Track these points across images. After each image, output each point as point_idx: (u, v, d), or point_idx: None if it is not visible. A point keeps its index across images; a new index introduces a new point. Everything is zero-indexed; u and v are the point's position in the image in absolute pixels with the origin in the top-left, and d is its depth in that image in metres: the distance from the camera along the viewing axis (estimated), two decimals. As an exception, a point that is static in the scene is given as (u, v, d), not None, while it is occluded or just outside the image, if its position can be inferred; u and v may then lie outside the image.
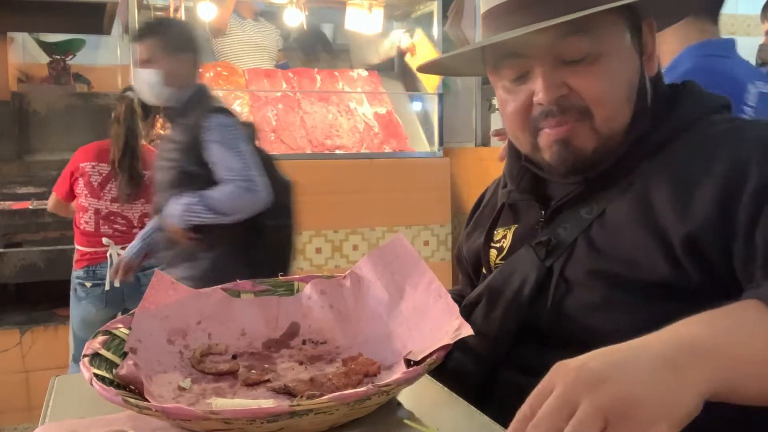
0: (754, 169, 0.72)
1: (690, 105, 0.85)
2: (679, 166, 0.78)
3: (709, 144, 0.78)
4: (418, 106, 4.08)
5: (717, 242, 0.72)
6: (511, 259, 0.89)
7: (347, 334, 0.92)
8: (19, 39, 3.71)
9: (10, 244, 2.93)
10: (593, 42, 0.79)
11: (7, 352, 2.89)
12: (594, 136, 0.82)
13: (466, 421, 0.74)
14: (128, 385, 0.74)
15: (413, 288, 0.89)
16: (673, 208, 0.75)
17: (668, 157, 0.81)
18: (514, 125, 0.87)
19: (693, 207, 0.74)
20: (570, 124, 0.81)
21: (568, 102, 0.81)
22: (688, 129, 0.82)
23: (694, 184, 0.75)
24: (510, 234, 0.94)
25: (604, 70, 0.80)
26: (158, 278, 0.90)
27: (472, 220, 1.08)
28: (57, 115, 3.31)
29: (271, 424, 0.63)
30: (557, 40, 0.79)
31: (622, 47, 0.82)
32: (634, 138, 0.83)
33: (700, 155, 0.77)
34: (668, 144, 0.82)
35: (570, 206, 0.86)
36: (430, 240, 3.63)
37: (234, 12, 4.11)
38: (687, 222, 0.73)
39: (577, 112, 0.81)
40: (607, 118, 0.81)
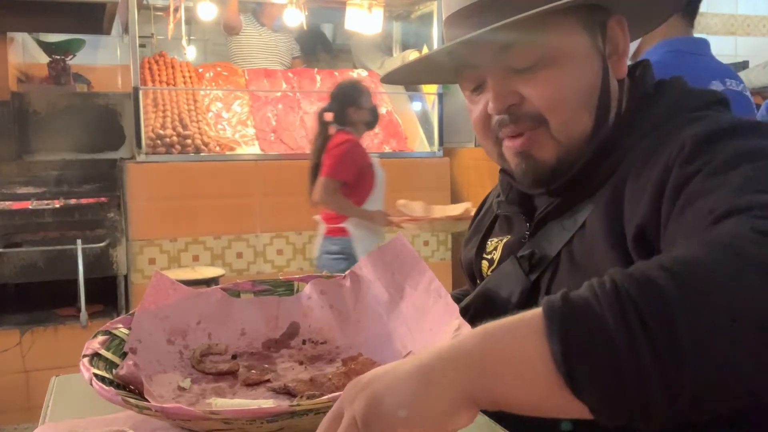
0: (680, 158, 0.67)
1: (664, 104, 0.80)
2: (641, 164, 0.73)
3: (670, 136, 0.73)
4: (418, 106, 4.08)
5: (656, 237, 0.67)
6: (498, 271, 0.89)
7: (347, 334, 0.92)
8: (19, 39, 3.71)
9: (10, 244, 2.92)
10: (541, 49, 0.77)
11: (7, 352, 2.89)
12: (553, 144, 0.79)
13: (466, 421, 0.74)
14: (128, 385, 0.74)
15: (413, 288, 0.89)
16: (628, 204, 0.72)
17: (636, 157, 0.76)
18: (480, 134, 0.86)
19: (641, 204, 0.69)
20: (526, 135, 0.79)
21: (520, 111, 0.79)
22: (659, 128, 0.77)
23: (646, 180, 0.71)
24: (500, 246, 0.93)
25: (555, 75, 0.77)
26: (158, 278, 0.90)
27: (472, 225, 1.07)
28: (57, 115, 3.30)
29: (271, 424, 0.63)
30: (504, 49, 0.77)
31: (577, 50, 0.78)
32: (598, 144, 0.79)
33: (659, 150, 0.72)
34: (637, 144, 0.77)
35: (553, 218, 0.84)
36: (430, 240, 3.63)
37: (253, 17, 4.14)
38: (634, 218, 0.70)
39: (531, 120, 0.79)
40: (563, 123, 0.78)
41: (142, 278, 3.14)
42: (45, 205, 3.00)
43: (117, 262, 3.05)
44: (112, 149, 3.42)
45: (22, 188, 3.13)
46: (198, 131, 3.31)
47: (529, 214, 0.88)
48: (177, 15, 3.71)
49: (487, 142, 0.85)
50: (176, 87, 3.48)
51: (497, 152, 0.84)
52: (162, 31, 4.06)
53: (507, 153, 0.82)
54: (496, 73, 0.79)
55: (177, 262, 3.21)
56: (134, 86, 3.20)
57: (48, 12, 3.07)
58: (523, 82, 0.78)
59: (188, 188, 3.20)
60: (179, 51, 4.02)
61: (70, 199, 3.07)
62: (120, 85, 4.16)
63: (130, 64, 3.22)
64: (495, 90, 0.79)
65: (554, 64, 0.77)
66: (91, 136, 3.37)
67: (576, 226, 0.80)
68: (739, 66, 4.62)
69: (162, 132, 3.23)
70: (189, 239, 3.22)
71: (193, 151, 3.27)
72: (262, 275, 3.31)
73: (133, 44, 3.20)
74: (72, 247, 2.92)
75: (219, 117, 3.54)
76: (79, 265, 2.91)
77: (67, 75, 3.50)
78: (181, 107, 3.37)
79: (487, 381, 0.49)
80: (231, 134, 3.48)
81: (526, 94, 0.78)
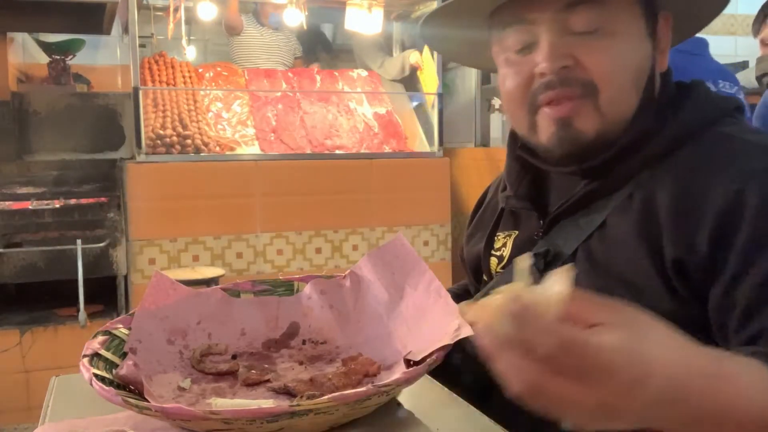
0: (749, 215, 0.68)
1: (696, 109, 0.80)
2: (683, 184, 0.73)
3: (714, 161, 0.73)
4: (418, 106, 4.08)
5: (700, 277, 0.69)
6: (510, 270, 0.87)
7: (347, 334, 0.92)
8: (19, 39, 3.71)
9: (10, 244, 2.92)
10: (605, 17, 0.76)
11: (7, 352, 2.88)
12: (597, 117, 0.77)
13: (466, 421, 0.74)
14: (128, 385, 0.74)
15: (413, 288, 0.89)
16: (672, 226, 0.72)
17: (673, 169, 0.75)
18: (512, 102, 0.83)
19: (689, 232, 0.70)
20: (572, 102, 0.77)
21: (572, 74, 0.76)
22: (694, 136, 0.77)
23: (693, 209, 0.71)
24: (510, 242, 0.91)
25: (614, 46, 0.76)
26: (158, 278, 0.90)
27: (473, 222, 1.06)
28: (57, 115, 3.30)
29: (271, 424, 0.63)
30: (569, 7, 0.76)
31: (634, 32, 0.79)
32: (638, 131, 0.78)
33: (703, 173, 0.73)
34: (673, 152, 0.77)
35: (569, 215, 0.82)
36: (430, 240, 3.63)
37: (254, 17, 4.15)
38: (680, 244, 0.70)
39: (581, 87, 0.76)
40: (613, 98, 0.77)
41: (142, 278, 3.14)
42: (45, 205, 3.00)
43: (117, 262, 3.05)
44: (112, 149, 3.42)
45: (22, 188, 3.13)
46: (198, 131, 3.31)
47: (541, 211, 0.87)
48: (177, 15, 3.71)
49: (520, 109, 0.82)
50: (176, 87, 3.48)
51: (529, 122, 0.81)
52: (162, 31, 4.06)
53: (543, 121, 0.79)
54: (554, 30, 0.77)
55: (177, 262, 3.21)
56: (134, 86, 3.20)
57: (48, 12, 3.07)
58: (581, 45, 0.76)
59: (188, 188, 3.20)
60: (179, 51, 4.02)
61: (70, 199, 3.07)
62: (120, 85, 4.16)
63: (130, 64, 3.22)
64: (550, 48, 0.76)
65: (614, 35, 0.76)
66: (91, 136, 3.37)
67: (593, 225, 0.79)
68: (738, 66, 4.61)
69: (162, 132, 3.23)
70: (189, 239, 3.22)
71: (193, 151, 3.26)
72: (262, 275, 3.31)
73: (133, 44, 3.20)
74: (72, 247, 2.91)
75: (219, 117, 3.54)
76: (78, 265, 2.90)
77: (67, 75, 3.49)
78: (181, 107, 3.37)
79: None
80: (231, 134, 3.48)
81: (582, 59, 0.76)
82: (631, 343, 0.47)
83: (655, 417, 0.49)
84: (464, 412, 0.76)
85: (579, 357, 0.45)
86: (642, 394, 0.47)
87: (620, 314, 0.49)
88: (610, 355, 0.45)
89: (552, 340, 0.45)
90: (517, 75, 0.81)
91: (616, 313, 0.48)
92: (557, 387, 0.46)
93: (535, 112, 0.80)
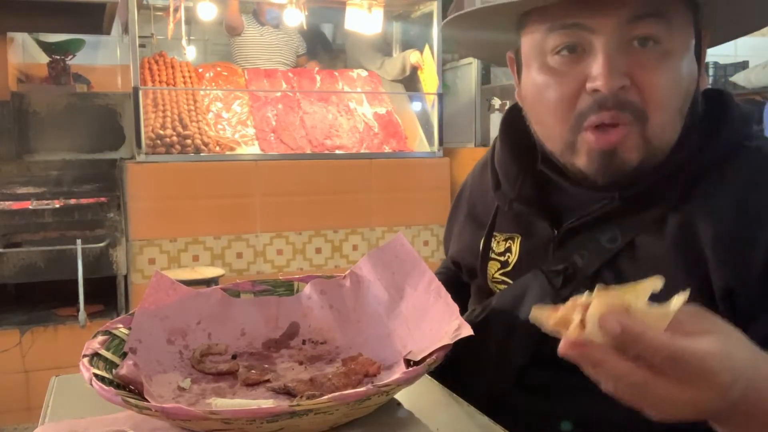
0: None
1: (733, 129, 0.75)
2: (728, 203, 0.69)
3: (762, 179, 0.70)
4: (418, 106, 4.08)
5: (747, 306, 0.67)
6: (520, 283, 0.82)
7: (347, 334, 0.92)
8: (19, 39, 3.71)
9: (10, 244, 2.92)
10: (667, 32, 0.69)
11: (7, 352, 2.88)
12: (643, 146, 0.71)
13: (466, 421, 0.74)
14: (128, 385, 0.74)
15: (413, 288, 0.89)
16: (721, 255, 0.68)
17: (713, 187, 0.71)
18: (552, 116, 0.74)
19: (740, 262, 0.67)
20: (622, 130, 0.70)
21: (626, 96, 0.69)
22: (729, 156, 0.73)
23: (746, 235, 0.67)
24: (515, 247, 0.86)
25: (671, 67, 0.70)
26: (158, 278, 0.90)
27: (455, 219, 1.00)
28: (57, 115, 3.30)
29: (270, 424, 0.63)
30: (633, 17, 0.68)
31: (688, 49, 0.73)
32: (682, 156, 0.73)
33: (753, 194, 0.69)
34: (712, 171, 0.72)
35: (587, 229, 0.77)
36: (430, 240, 3.63)
37: (253, 16, 4.15)
38: (730, 274, 0.67)
39: (632, 114, 0.70)
40: (662, 125, 0.71)
41: (142, 278, 3.14)
42: (45, 205, 3.00)
43: (117, 262, 3.05)
44: (112, 149, 3.42)
45: (22, 188, 3.13)
46: (198, 131, 3.31)
47: (551, 218, 0.81)
48: (177, 15, 3.71)
49: (561, 124, 0.73)
50: (176, 87, 3.48)
51: (568, 141, 0.74)
52: (162, 31, 4.06)
53: (584, 146, 0.72)
54: (615, 43, 0.69)
55: (177, 262, 3.21)
56: (134, 86, 3.20)
57: (48, 12, 3.07)
58: (639, 63, 0.69)
59: (188, 188, 3.20)
60: (179, 51, 4.02)
61: (70, 199, 3.07)
62: (120, 85, 4.16)
63: (130, 64, 3.22)
64: (611, 63, 0.68)
65: (671, 54, 0.70)
66: (91, 136, 3.36)
67: (618, 245, 0.74)
68: (738, 66, 4.61)
69: (162, 132, 3.23)
70: (189, 239, 3.22)
71: (193, 151, 3.26)
72: (262, 275, 3.31)
73: (133, 44, 3.20)
74: (72, 247, 2.92)
75: (219, 117, 3.54)
76: (78, 265, 2.91)
77: (67, 75, 3.49)
78: (181, 107, 3.37)
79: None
80: (231, 134, 3.48)
81: (638, 79, 0.69)
82: (726, 348, 0.51)
83: (733, 412, 0.53)
84: (464, 412, 0.76)
85: (685, 364, 0.49)
86: (731, 393, 0.51)
87: (708, 321, 0.53)
88: (710, 361, 0.50)
89: (663, 353, 0.49)
90: (562, 85, 0.72)
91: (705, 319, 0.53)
92: (658, 387, 0.50)
93: (578, 132, 0.73)
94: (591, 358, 0.50)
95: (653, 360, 0.49)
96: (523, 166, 0.85)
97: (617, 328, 0.48)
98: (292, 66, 4.25)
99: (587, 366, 0.51)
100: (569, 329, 0.50)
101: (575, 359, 0.51)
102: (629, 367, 0.50)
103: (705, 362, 0.50)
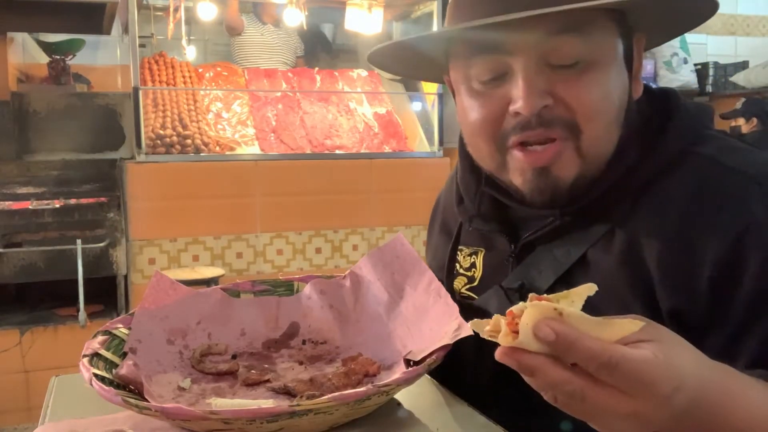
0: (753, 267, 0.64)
1: (678, 135, 0.73)
2: (671, 228, 0.68)
3: (707, 192, 0.68)
4: (418, 106, 4.08)
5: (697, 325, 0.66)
6: (482, 299, 0.83)
7: (347, 334, 0.92)
8: (19, 39, 3.71)
9: (10, 244, 2.92)
10: (587, 46, 0.68)
11: (7, 352, 2.88)
12: (577, 161, 0.70)
13: (466, 421, 0.74)
14: (128, 385, 0.74)
15: (413, 288, 0.89)
16: (666, 274, 0.68)
17: (659, 200, 0.70)
18: (478, 137, 0.75)
19: (686, 281, 0.67)
20: (554, 147, 0.69)
21: (552, 114, 0.69)
22: (677, 161, 0.71)
23: (690, 253, 0.67)
24: (479, 262, 0.86)
25: (597, 80, 0.69)
26: (158, 278, 0.90)
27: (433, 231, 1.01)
28: (57, 115, 3.30)
29: (270, 424, 0.63)
30: (548, 37, 0.67)
31: (614, 59, 0.71)
32: (621, 169, 0.72)
33: (693, 216, 0.68)
34: (656, 182, 0.71)
35: (542, 242, 0.77)
36: (430, 240, 3.63)
37: (254, 15, 4.16)
38: (677, 294, 0.67)
39: (562, 127, 0.69)
40: (596, 138, 0.70)
41: (142, 278, 3.14)
42: (45, 205, 3.00)
43: (117, 262, 3.05)
44: (112, 149, 3.42)
45: (22, 188, 3.13)
46: (198, 131, 3.31)
47: (509, 233, 0.82)
48: (177, 15, 3.71)
49: (488, 145, 0.74)
50: (176, 87, 3.48)
51: (498, 161, 0.74)
52: (162, 31, 4.06)
53: (516, 164, 0.72)
54: (532, 63, 0.68)
55: (177, 262, 3.21)
56: (134, 86, 3.20)
57: (48, 12, 3.07)
58: (560, 80, 0.68)
59: (188, 188, 3.20)
60: (179, 51, 4.02)
61: (70, 199, 3.07)
62: (120, 85, 4.16)
63: (130, 64, 3.22)
64: (529, 85, 0.67)
65: (596, 67, 0.69)
66: (91, 136, 3.36)
67: (571, 259, 0.74)
68: (738, 66, 4.62)
69: (162, 132, 3.23)
70: (189, 239, 3.22)
71: (193, 151, 3.26)
72: (262, 275, 3.31)
73: (133, 44, 3.20)
74: (72, 247, 2.92)
75: (219, 117, 3.54)
76: (78, 265, 2.91)
77: (67, 75, 3.49)
78: (181, 107, 3.37)
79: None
80: (231, 134, 3.48)
81: (563, 96, 0.68)
82: (667, 357, 0.49)
83: (679, 425, 0.51)
84: (464, 412, 0.76)
85: (622, 373, 0.47)
86: (674, 404, 0.49)
87: (651, 330, 0.51)
88: (649, 369, 0.48)
89: (599, 359, 0.47)
90: (484, 109, 0.72)
91: (647, 328, 0.50)
92: (596, 396, 0.48)
93: (505, 152, 0.73)
94: (526, 366, 0.48)
95: (589, 367, 0.47)
96: (480, 183, 0.84)
97: (551, 335, 0.46)
98: (292, 66, 4.25)
99: (524, 374, 0.49)
100: (499, 337, 0.48)
101: (512, 366, 0.49)
102: (566, 376, 0.48)
103: (643, 371, 0.47)
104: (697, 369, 0.52)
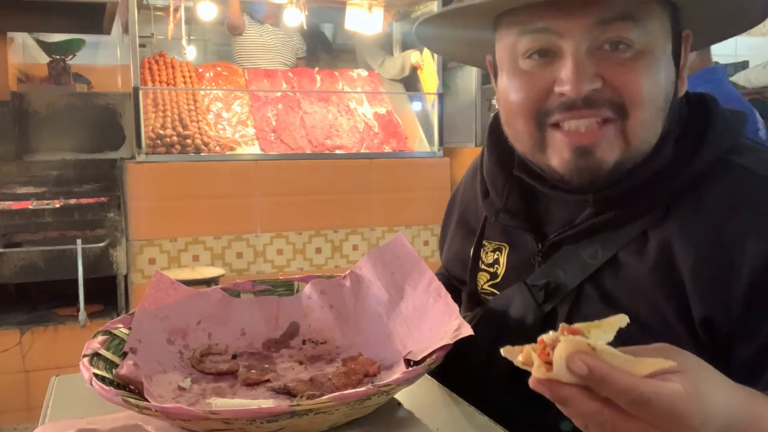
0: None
1: (718, 141, 0.73)
2: (707, 236, 0.68)
3: (744, 202, 0.68)
4: (418, 106, 4.08)
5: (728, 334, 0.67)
6: (505, 295, 0.82)
7: (347, 334, 0.92)
8: (19, 39, 3.71)
9: (10, 244, 2.92)
10: (640, 34, 0.68)
11: (7, 352, 2.88)
12: (621, 144, 0.70)
13: (466, 421, 0.74)
14: (128, 385, 0.74)
15: (413, 288, 0.89)
16: (699, 283, 0.67)
17: (694, 208, 0.70)
18: (517, 115, 0.74)
19: (719, 291, 0.66)
20: (600, 127, 0.69)
21: (599, 96, 0.68)
22: (713, 169, 0.71)
23: (726, 263, 0.66)
24: (503, 259, 0.86)
25: (647, 68, 0.69)
26: (158, 278, 0.90)
27: (449, 225, 1.00)
28: (57, 115, 3.30)
29: (271, 424, 0.63)
30: (603, 22, 0.67)
31: (664, 51, 0.71)
32: (661, 163, 0.72)
33: (731, 225, 0.67)
34: (692, 190, 0.71)
35: (569, 243, 0.77)
36: (430, 240, 3.63)
37: (250, 15, 4.16)
38: (710, 303, 0.67)
39: (609, 108, 0.69)
40: (642, 123, 0.69)
41: (142, 278, 3.14)
42: (45, 205, 2.99)
43: (117, 262, 3.05)
44: (112, 149, 3.42)
45: (22, 188, 3.12)
46: (198, 131, 3.31)
47: (536, 231, 0.81)
48: (177, 15, 3.71)
49: (527, 124, 0.73)
50: (176, 87, 3.48)
51: (535, 139, 0.73)
52: (162, 31, 4.06)
53: (556, 143, 0.71)
54: (583, 47, 0.68)
55: (177, 262, 3.21)
56: (134, 86, 3.20)
57: (48, 12, 3.07)
58: (611, 65, 0.68)
59: (188, 188, 3.20)
60: (179, 51, 4.02)
61: (70, 199, 3.07)
62: (120, 85, 4.16)
63: (130, 64, 3.22)
64: (579, 68, 0.67)
65: (646, 55, 0.69)
66: (91, 136, 3.37)
67: (600, 260, 0.74)
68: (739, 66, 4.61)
69: (162, 132, 3.23)
70: (189, 239, 3.22)
71: (193, 151, 3.27)
72: (262, 275, 3.30)
73: (133, 44, 3.20)
74: (72, 247, 2.91)
75: (219, 117, 3.54)
76: (78, 265, 2.91)
77: (67, 75, 3.49)
78: (181, 107, 3.37)
79: None
80: (231, 134, 3.48)
81: (612, 80, 0.68)
82: (695, 389, 0.50)
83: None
84: (464, 412, 0.76)
85: (653, 408, 0.48)
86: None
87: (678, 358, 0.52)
88: (679, 404, 0.49)
89: (630, 395, 0.48)
90: (529, 87, 0.72)
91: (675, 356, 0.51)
92: (627, 428, 0.49)
93: (544, 130, 0.72)
94: (560, 397, 0.50)
95: (620, 401, 0.48)
96: (509, 175, 0.84)
97: (584, 369, 0.48)
98: (292, 66, 4.25)
99: (557, 402, 0.51)
100: (533, 369, 0.50)
101: (546, 395, 0.50)
102: (597, 407, 0.49)
103: (674, 405, 0.49)
104: (725, 397, 0.53)
